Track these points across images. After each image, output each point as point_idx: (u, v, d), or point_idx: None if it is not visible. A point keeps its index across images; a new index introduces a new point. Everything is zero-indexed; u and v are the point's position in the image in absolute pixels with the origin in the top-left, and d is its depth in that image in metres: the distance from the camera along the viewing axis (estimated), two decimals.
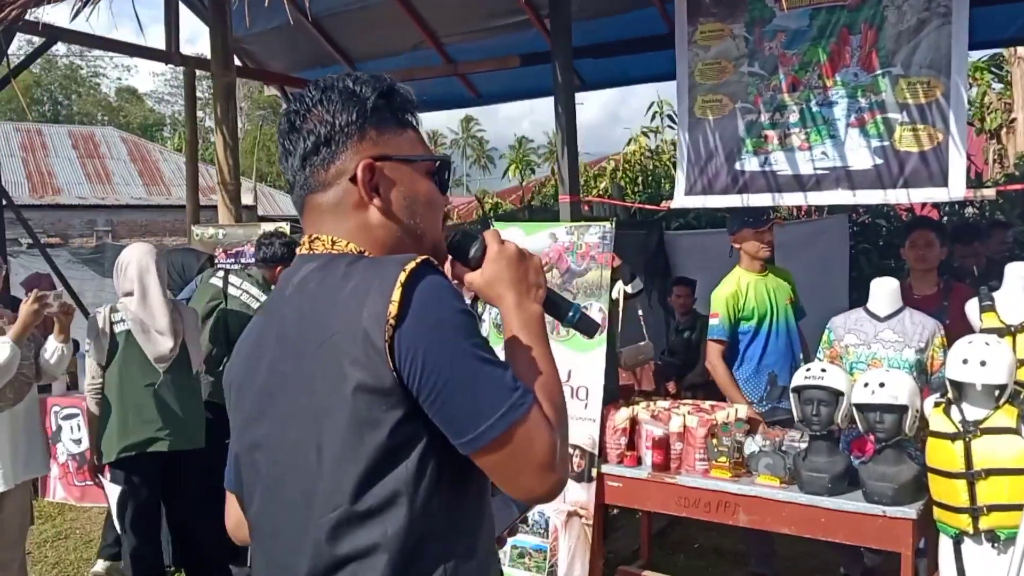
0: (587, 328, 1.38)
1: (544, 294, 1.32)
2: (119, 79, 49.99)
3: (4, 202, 5.98)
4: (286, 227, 5.17)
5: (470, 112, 65.80)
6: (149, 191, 24.89)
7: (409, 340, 1.13)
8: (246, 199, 14.21)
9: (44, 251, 9.03)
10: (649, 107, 11.21)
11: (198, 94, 8.04)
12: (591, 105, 30.36)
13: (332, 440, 1.17)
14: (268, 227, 5.22)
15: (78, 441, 5.78)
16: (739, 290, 4.14)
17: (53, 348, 3.62)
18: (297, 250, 1.35)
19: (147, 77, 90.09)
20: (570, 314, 1.36)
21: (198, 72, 7.54)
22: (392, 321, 1.13)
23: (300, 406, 1.21)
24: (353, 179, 1.26)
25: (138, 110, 45.89)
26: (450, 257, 1.36)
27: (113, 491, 4.05)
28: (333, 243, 1.28)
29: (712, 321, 4.17)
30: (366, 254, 1.26)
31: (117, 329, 3.88)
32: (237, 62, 7.04)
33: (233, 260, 5.16)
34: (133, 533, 3.98)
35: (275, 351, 1.26)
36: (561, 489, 1.21)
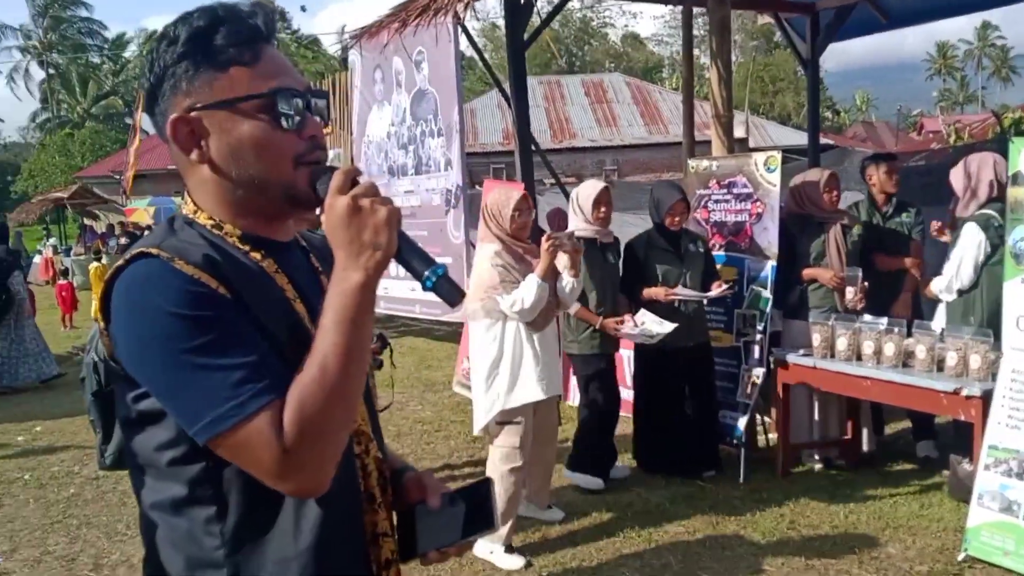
0: (447, 295, 1.17)
1: (383, 257, 1.10)
2: (625, 26, 53.40)
3: (533, 148, 6.93)
4: (777, 156, 5.16)
5: (989, 17, 56.95)
6: (649, 130, 26.51)
7: (116, 341, 1.15)
8: (738, 132, 14.35)
9: (564, 190, 10.26)
10: None
11: (693, 32, 8.31)
12: None
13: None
14: (760, 157, 5.27)
15: None
16: None
17: (567, 282, 4.05)
18: None
19: (649, 21, 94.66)
20: (427, 274, 1.15)
21: (694, 10, 7.78)
22: (100, 318, 1.17)
23: None
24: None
25: (640, 54, 48.67)
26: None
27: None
28: (186, 202, 1.27)
29: None
30: (195, 216, 1.23)
31: None
32: None
33: (725, 191, 5.32)
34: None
35: None
36: (310, 489, 1.12)
